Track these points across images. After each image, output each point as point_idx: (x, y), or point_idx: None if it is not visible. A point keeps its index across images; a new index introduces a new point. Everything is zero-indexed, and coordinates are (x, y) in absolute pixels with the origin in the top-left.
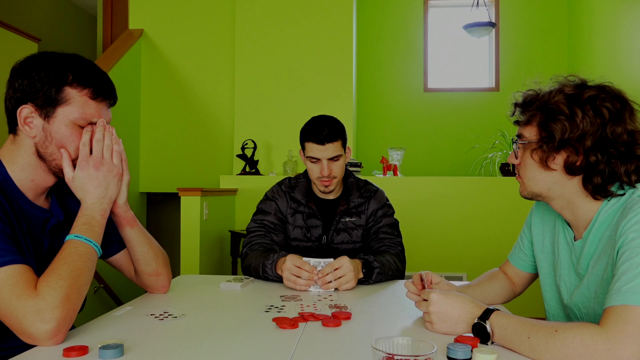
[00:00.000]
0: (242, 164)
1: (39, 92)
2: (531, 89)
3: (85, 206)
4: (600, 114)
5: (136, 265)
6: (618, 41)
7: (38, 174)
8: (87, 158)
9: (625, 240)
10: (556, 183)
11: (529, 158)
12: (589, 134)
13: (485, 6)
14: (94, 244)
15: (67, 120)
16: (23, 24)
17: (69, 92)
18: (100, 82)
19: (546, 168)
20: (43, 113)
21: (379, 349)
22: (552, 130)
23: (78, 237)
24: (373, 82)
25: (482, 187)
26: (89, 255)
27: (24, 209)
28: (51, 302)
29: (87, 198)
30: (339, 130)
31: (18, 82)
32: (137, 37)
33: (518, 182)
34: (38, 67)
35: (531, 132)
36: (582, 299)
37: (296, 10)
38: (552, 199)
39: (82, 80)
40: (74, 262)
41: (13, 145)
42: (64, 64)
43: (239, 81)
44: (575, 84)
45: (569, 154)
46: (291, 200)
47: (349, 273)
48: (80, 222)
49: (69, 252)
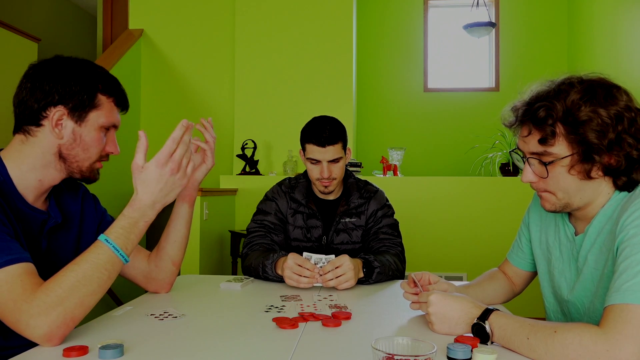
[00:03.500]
0: (242, 164)
1: (74, 96)
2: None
3: (136, 205)
4: (624, 108)
5: (167, 247)
6: (618, 41)
7: (49, 174)
8: (169, 157)
9: (626, 237)
10: (591, 188)
11: (565, 174)
12: (623, 131)
13: (485, 6)
14: (121, 255)
15: (96, 124)
16: (23, 24)
17: (100, 98)
18: (122, 93)
19: (588, 179)
20: (75, 116)
21: (379, 349)
22: (590, 140)
23: (108, 243)
24: (373, 82)
25: (482, 187)
26: (106, 265)
27: (21, 211)
28: (43, 308)
29: (144, 197)
30: (340, 132)
31: (49, 85)
32: (137, 37)
33: (544, 197)
34: (71, 72)
35: (562, 148)
36: (583, 293)
37: (296, 10)
38: (579, 205)
39: (110, 90)
40: (84, 271)
41: (23, 146)
42: (95, 72)
43: (239, 81)
44: (576, 85)
45: (611, 158)
46: (291, 201)
47: (349, 272)
48: (119, 225)
49: (86, 257)
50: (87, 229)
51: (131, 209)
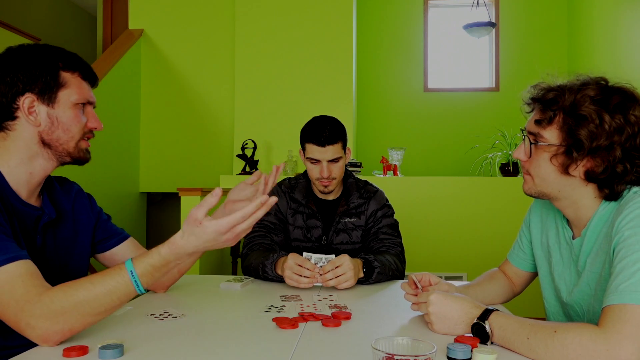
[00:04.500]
0: (242, 164)
1: (37, 80)
2: (549, 84)
3: (175, 250)
4: (629, 123)
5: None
6: (618, 41)
7: (38, 164)
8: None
9: (621, 238)
10: (570, 186)
11: (547, 161)
12: (617, 143)
13: (485, 6)
14: (139, 289)
15: (69, 103)
16: (23, 24)
17: (64, 76)
18: (84, 65)
19: (566, 174)
20: (46, 99)
21: (379, 349)
22: (580, 137)
23: (132, 276)
24: (373, 82)
25: (482, 187)
26: (120, 295)
27: (15, 208)
28: (46, 312)
29: (188, 246)
30: (339, 132)
31: (9, 75)
32: (137, 37)
33: (525, 178)
34: (30, 57)
35: (552, 135)
36: (582, 296)
37: (296, 10)
38: (558, 199)
39: (71, 65)
40: (97, 294)
41: (6, 142)
42: (52, 51)
43: (239, 81)
44: (598, 85)
45: (594, 162)
46: (291, 201)
47: (348, 271)
48: (150, 263)
49: (105, 281)
50: (83, 228)
51: (169, 251)
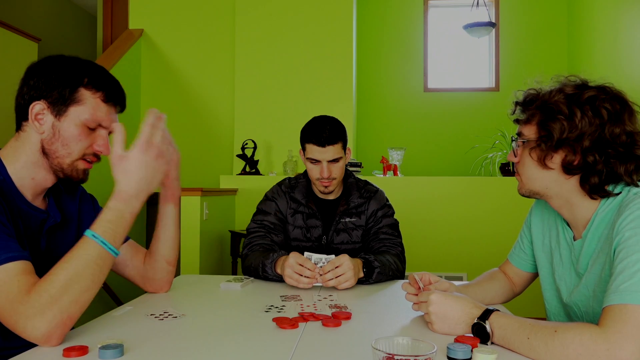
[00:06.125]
0: (242, 164)
1: (54, 90)
2: (532, 88)
3: (120, 197)
4: (599, 115)
5: (159, 247)
6: (618, 41)
7: (39, 172)
8: (151, 143)
9: (622, 239)
10: (553, 182)
11: (528, 156)
12: (587, 134)
13: (485, 6)
14: (110, 249)
15: (77, 120)
16: (23, 24)
17: (83, 93)
18: (113, 87)
19: (544, 167)
20: (55, 110)
21: (379, 349)
22: (551, 130)
23: (95, 238)
24: (373, 82)
25: (482, 187)
26: (97, 260)
27: (21, 210)
28: (38, 308)
29: (128, 187)
30: (340, 132)
31: (34, 80)
32: (137, 37)
33: (517, 179)
34: (55, 67)
35: (530, 131)
36: (581, 297)
37: (296, 10)
38: (550, 198)
39: (97, 84)
40: (75, 268)
41: (17, 142)
42: (81, 66)
43: (239, 81)
44: (575, 84)
45: (566, 154)
46: (291, 201)
47: (348, 271)
48: (106, 219)
49: (76, 254)
50: None
51: (116, 201)
